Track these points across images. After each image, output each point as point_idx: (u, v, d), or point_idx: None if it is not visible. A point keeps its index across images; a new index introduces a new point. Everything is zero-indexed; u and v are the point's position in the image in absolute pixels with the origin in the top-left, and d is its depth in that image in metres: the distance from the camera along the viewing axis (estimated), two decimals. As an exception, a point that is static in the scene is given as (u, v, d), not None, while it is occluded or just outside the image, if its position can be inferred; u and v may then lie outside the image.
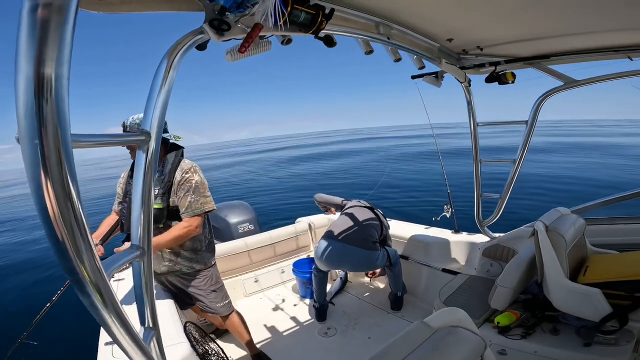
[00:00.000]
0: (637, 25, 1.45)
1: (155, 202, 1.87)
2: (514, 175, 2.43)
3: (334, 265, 2.69)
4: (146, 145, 0.79)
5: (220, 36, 0.97)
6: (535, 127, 2.27)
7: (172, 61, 0.85)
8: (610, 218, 2.30)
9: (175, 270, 2.02)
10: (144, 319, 0.86)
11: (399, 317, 2.74)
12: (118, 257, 0.74)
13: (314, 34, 1.15)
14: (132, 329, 0.65)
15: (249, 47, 1.01)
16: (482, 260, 2.60)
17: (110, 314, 0.60)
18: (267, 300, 3.14)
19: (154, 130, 0.81)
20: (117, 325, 0.62)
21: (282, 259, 3.46)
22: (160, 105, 0.82)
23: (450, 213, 3.08)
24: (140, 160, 0.80)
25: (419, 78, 2.16)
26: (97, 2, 0.81)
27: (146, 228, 0.81)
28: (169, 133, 1.98)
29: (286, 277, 3.40)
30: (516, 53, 1.96)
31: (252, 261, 3.25)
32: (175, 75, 0.85)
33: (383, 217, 2.92)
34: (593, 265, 1.88)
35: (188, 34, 0.92)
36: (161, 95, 0.82)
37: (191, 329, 2.02)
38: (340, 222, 2.74)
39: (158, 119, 0.81)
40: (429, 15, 1.51)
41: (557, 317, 1.82)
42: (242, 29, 1.00)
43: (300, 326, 2.72)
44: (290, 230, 3.51)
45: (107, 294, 0.58)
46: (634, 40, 1.65)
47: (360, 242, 2.57)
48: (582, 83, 2.03)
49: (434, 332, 0.93)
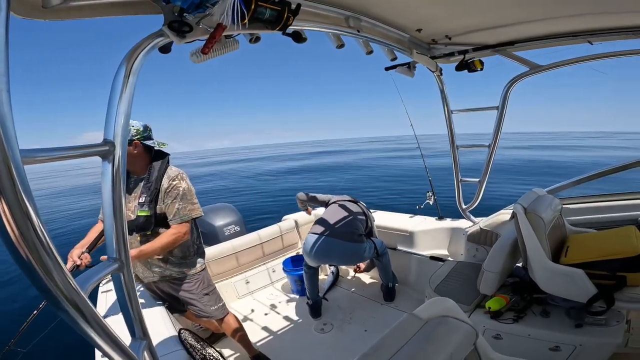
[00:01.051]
0: (596, 10, 1.49)
1: (143, 209, 1.84)
2: (489, 159, 2.49)
3: (322, 260, 2.69)
4: (111, 155, 0.76)
5: (181, 38, 0.94)
6: (506, 112, 2.33)
7: (131, 66, 0.82)
8: (584, 196, 2.38)
9: (166, 276, 1.99)
10: (133, 330, 0.85)
11: (393, 308, 2.77)
12: (94, 271, 0.72)
13: (280, 31, 1.13)
14: (119, 342, 0.65)
15: (213, 47, 0.98)
16: (467, 245, 2.65)
17: (94, 329, 0.59)
18: (260, 301, 3.12)
19: (119, 139, 0.78)
20: (102, 340, 0.61)
21: (270, 259, 3.44)
22: (122, 112, 0.79)
23: (433, 200, 3.12)
24: (106, 172, 0.77)
25: (392, 69, 2.17)
26: (42, 10, 0.78)
27: (121, 239, 0.79)
28: (154, 140, 1.94)
29: (277, 277, 3.39)
30: (483, 41, 1.99)
31: (240, 263, 3.22)
32: (135, 81, 0.82)
33: (367, 210, 2.94)
34: (573, 245, 1.92)
35: (147, 37, 0.89)
36: (122, 101, 0.79)
37: (186, 335, 1.98)
38: (326, 217, 2.74)
39: (122, 126, 0.79)
40: (397, 7, 1.52)
41: (545, 299, 1.85)
42: (205, 30, 0.98)
43: (296, 324, 2.72)
44: (276, 229, 3.49)
45: (86, 310, 0.58)
46: (593, 25, 1.69)
47: (346, 235, 2.59)
48: (545, 68, 2.10)
49: (424, 323, 0.94)
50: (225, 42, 1.15)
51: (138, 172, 1.92)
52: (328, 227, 2.65)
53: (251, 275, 3.25)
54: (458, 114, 2.50)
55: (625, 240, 1.74)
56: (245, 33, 1.18)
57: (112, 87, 0.80)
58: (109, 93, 0.80)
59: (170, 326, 1.82)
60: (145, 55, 0.85)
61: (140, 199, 1.86)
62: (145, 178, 1.89)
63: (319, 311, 2.78)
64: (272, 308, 2.99)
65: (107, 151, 0.75)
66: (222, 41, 1.14)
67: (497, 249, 2.01)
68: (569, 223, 2.17)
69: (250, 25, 1.02)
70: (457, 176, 2.68)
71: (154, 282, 2.04)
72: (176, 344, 1.65)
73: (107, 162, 0.76)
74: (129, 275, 0.80)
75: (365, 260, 2.81)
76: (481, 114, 2.52)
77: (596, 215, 2.26)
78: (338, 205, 2.85)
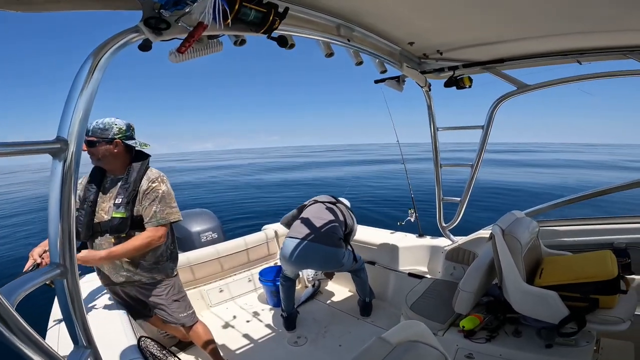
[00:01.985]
0: (586, 29, 1.50)
1: (119, 211, 1.78)
2: (472, 178, 2.50)
3: (301, 265, 2.60)
4: (63, 153, 0.71)
5: (157, 35, 0.89)
6: (490, 131, 2.34)
7: (97, 61, 0.77)
8: (561, 219, 2.41)
9: (134, 281, 1.90)
10: (75, 338, 0.79)
11: (369, 323, 2.73)
12: (31, 277, 0.68)
13: (265, 34, 1.08)
14: (52, 352, 0.61)
15: (191, 47, 0.92)
16: (445, 263, 2.65)
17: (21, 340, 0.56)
18: (233, 310, 3.02)
19: (73, 137, 0.73)
20: (33, 351, 0.58)
21: (251, 267, 3.35)
22: (81, 109, 0.74)
23: (414, 217, 3.11)
24: (56, 171, 0.72)
25: (382, 82, 2.15)
26: (15, 1, 0.72)
27: (67, 243, 0.75)
28: (135, 140, 1.87)
29: (252, 287, 3.30)
30: (474, 57, 2.00)
31: (222, 268, 3.13)
32: (100, 77, 0.77)
33: (348, 211, 2.86)
34: (548, 267, 1.93)
35: (120, 32, 0.84)
36: (82, 98, 0.74)
37: (147, 343, 1.87)
38: (304, 221, 2.66)
39: (78, 124, 0.73)
40: (391, 18, 1.50)
41: (518, 318, 1.86)
42: (184, 28, 0.92)
43: (269, 336, 2.64)
44: (256, 238, 3.41)
45: (11, 320, 0.54)
46: (583, 44, 1.72)
47: (324, 239, 2.52)
48: (532, 87, 2.12)
49: (393, 348, 0.89)
50: (207, 42, 1.11)
51: (116, 171, 1.86)
52: (306, 230, 2.57)
53: (226, 284, 3.16)
54: (444, 132, 2.50)
55: (600, 263, 1.75)
56: (229, 34, 1.13)
57: (73, 81, 0.75)
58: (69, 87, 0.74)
59: (130, 333, 1.73)
60: (115, 51, 0.81)
61: (117, 199, 1.79)
62: (124, 178, 1.82)
63: (294, 324, 2.69)
64: (246, 318, 2.90)
65: (58, 149, 0.71)
66: (204, 41, 1.09)
67: (473, 269, 2.01)
68: (545, 245, 2.19)
69: (234, 26, 0.97)
70: (439, 194, 2.68)
71: (120, 286, 1.94)
72: (134, 352, 1.56)
73: (57, 161, 0.72)
74: (72, 280, 0.76)
75: (344, 269, 2.72)
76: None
77: (572, 239, 2.29)
78: (317, 207, 2.77)
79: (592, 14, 1.32)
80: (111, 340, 1.62)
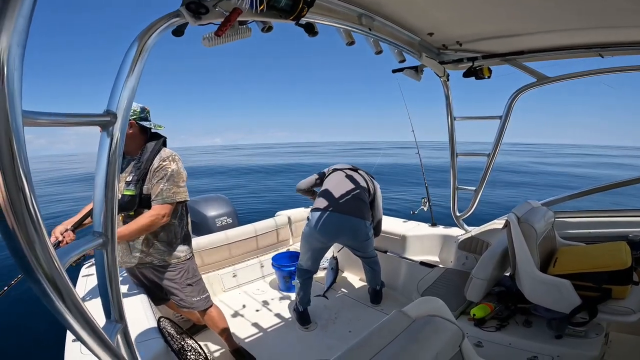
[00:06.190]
0: (609, 24, 1.49)
1: (129, 188, 1.78)
2: (488, 168, 2.49)
3: (331, 238, 2.51)
4: (111, 126, 0.74)
5: (197, 19, 0.93)
6: (509, 122, 2.33)
7: (143, 44, 0.81)
8: (577, 211, 2.40)
9: (146, 263, 1.93)
10: (109, 311, 0.81)
11: (379, 311, 2.77)
12: (76, 244, 0.69)
13: (294, 21, 1.12)
14: (91, 321, 0.62)
15: (226, 31, 0.97)
16: (458, 253, 2.66)
17: (67, 306, 0.57)
18: (246, 295, 3.09)
19: (121, 112, 0.76)
20: (73, 317, 0.59)
21: (261, 253, 3.41)
22: (129, 87, 0.78)
23: (427, 207, 3.13)
24: (104, 143, 0.75)
25: (400, 72, 2.17)
26: None
27: (110, 215, 0.77)
28: (150, 122, 1.90)
29: (265, 272, 3.36)
30: (493, 49, 2.00)
31: (231, 255, 3.18)
32: (146, 59, 0.81)
33: (370, 178, 2.76)
34: (562, 257, 1.94)
35: (163, 16, 0.88)
36: (130, 78, 0.78)
37: (165, 324, 1.95)
38: (327, 192, 2.54)
39: (126, 100, 0.77)
40: (411, 9, 1.52)
41: (529, 309, 1.88)
42: (220, 13, 0.96)
43: (280, 321, 2.70)
44: (270, 223, 3.46)
45: (61, 284, 0.55)
46: (605, 38, 1.70)
47: (352, 210, 2.44)
48: (553, 80, 2.10)
49: (412, 322, 0.93)
50: (238, 28, 1.14)
51: (132, 152, 1.88)
52: (332, 202, 2.45)
53: (239, 269, 3.22)
54: (461, 122, 2.50)
55: (615, 254, 1.76)
56: (259, 20, 1.17)
57: (122, 62, 0.79)
58: (119, 67, 0.79)
59: (150, 313, 1.78)
60: (159, 34, 0.85)
61: (128, 178, 1.82)
62: (137, 158, 1.85)
63: (308, 319, 2.61)
64: (258, 303, 2.97)
65: (107, 122, 0.73)
66: (235, 27, 1.13)
67: (487, 257, 2.03)
68: (560, 236, 2.20)
69: (266, 13, 1.01)
70: (454, 183, 2.68)
71: (137, 268, 1.98)
72: (154, 332, 1.62)
73: (105, 134, 0.75)
74: (112, 253, 0.78)
75: (369, 243, 2.60)
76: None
77: (587, 230, 2.29)
78: (340, 176, 2.66)
79: (614, 8, 1.31)
80: (133, 319, 1.67)
